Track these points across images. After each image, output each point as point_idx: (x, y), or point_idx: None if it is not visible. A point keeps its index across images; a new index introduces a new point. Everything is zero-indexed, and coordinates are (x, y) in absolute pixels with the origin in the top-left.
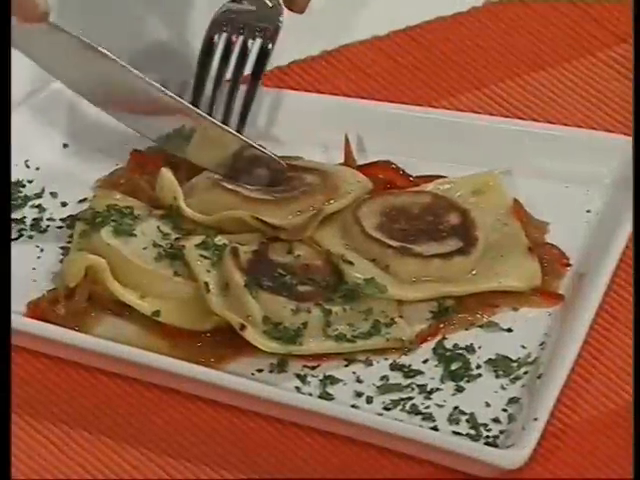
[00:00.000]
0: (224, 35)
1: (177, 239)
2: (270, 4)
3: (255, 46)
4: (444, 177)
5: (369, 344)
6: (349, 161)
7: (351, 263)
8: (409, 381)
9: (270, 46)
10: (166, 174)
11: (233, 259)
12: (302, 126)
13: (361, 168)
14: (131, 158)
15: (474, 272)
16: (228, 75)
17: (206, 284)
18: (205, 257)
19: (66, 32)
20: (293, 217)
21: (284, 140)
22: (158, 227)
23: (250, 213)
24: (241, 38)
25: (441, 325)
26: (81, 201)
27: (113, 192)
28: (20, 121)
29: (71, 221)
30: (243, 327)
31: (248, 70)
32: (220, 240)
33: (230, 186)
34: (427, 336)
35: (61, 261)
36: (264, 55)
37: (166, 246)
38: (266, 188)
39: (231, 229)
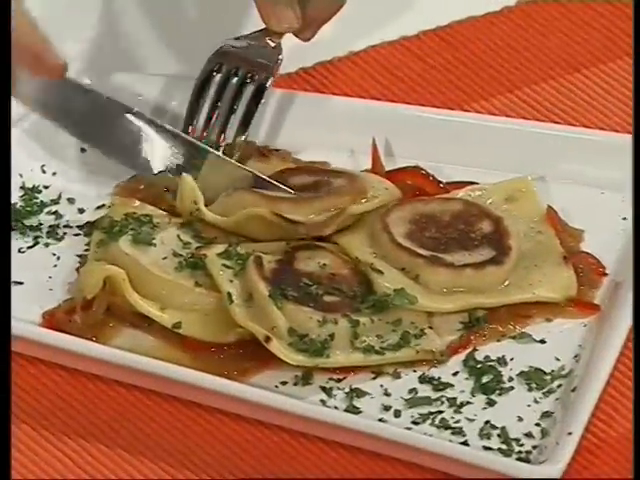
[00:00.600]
0: (222, 69)
1: (198, 248)
2: (272, 44)
3: (253, 81)
4: (475, 183)
5: (398, 356)
6: (377, 166)
7: (380, 272)
8: (439, 394)
9: (269, 81)
10: (186, 178)
11: (257, 268)
12: (328, 130)
13: (389, 174)
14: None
15: (507, 282)
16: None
17: (229, 294)
18: (228, 266)
19: (81, 85)
20: (315, 216)
21: (309, 144)
22: (178, 236)
23: (269, 209)
24: (240, 71)
25: (472, 336)
26: (99, 208)
27: (131, 200)
28: (36, 125)
29: (89, 228)
30: (268, 339)
31: (243, 102)
32: (243, 249)
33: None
34: (457, 348)
35: (78, 270)
36: (261, 90)
37: (187, 255)
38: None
39: (252, 231)
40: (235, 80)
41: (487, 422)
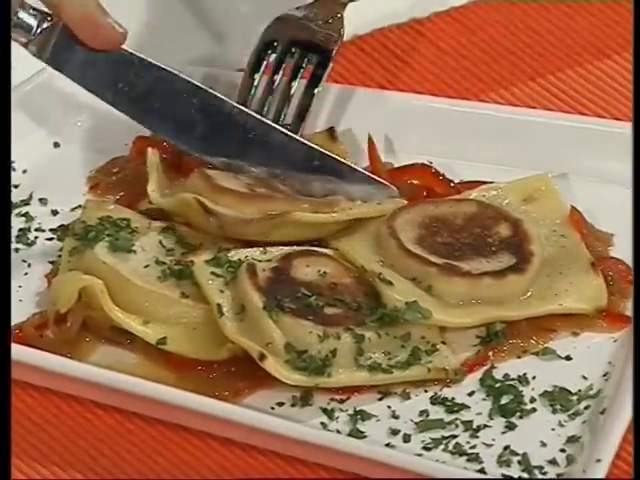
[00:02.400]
0: (279, 43)
1: (183, 254)
2: (335, 15)
3: (313, 57)
4: (490, 182)
5: (408, 375)
6: (375, 165)
7: (389, 283)
8: (452, 417)
9: (333, 53)
10: (151, 156)
11: (250, 277)
12: (329, 122)
13: (394, 172)
14: (135, 144)
15: (530, 293)
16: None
17: (219, 306)
18: (217, 275)
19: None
20: (260, 216)
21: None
22: (160, 241)
23: (196, 196)
24: (297, 49)
25: (490, 352)
26: (74, 209)
27: (105, 202)
28: None
29: (63, 232)
30: (263, 356)
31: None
32: (234, 255)
33: (216, 176)
34: (474, 365)
35: (47, 276)
36: (323, 65)
37: (171, 263)
38: (271, 185)
39: (189, 219)
40: (295, 54)
41: (506, 448)
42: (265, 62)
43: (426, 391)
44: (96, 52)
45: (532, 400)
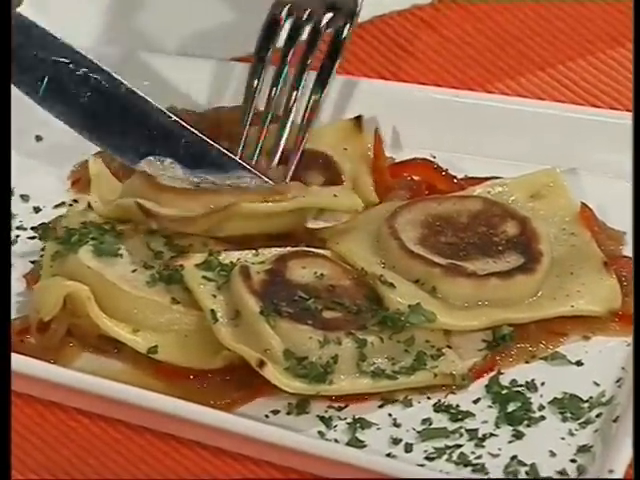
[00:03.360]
0: (293, 12)
1: (172, 258)
2: None
3: (331, 25)
4: (496, 178)
5: (413, 381)
6: (379, 160)
7: (391, 285)
8: (457, 425)
9: (349, 25)
10: (93, 163)
11: (244, 280)
12: (325, 114)
13: (394, 167)
14: None
15: (539, 294)
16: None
17: (212, 312)
18: (209, 279)
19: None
20: (205, 211)
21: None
22: (147, 244)
23: (136, 199)
24: (314, 16)
25: (497, 357)
26: (58, 206)
27: (88, 209)
28: None
29: (44, 231)
30: (262, 363)
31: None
32: (225, 258)
33: (158, 175)
34: (480, 371)
35: (25, 277)
36: (341, 37)
37: (160, 267)
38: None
39: (132, 218)
40: (310, 25)
41: (514, 458)
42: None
43: (429, 398)
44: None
45: (541, 408)
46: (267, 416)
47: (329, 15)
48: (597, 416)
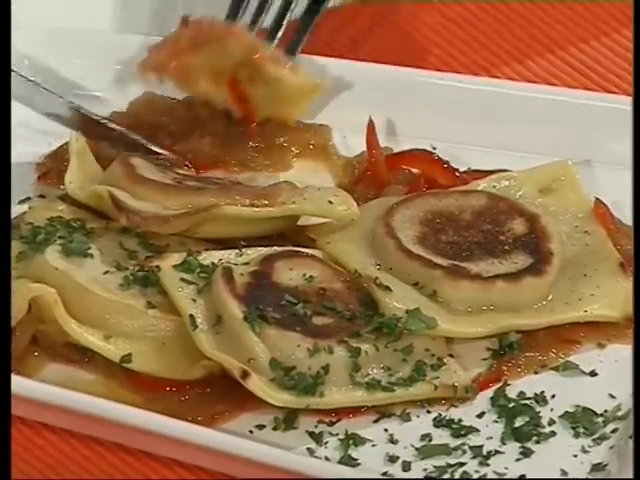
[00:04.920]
0: None
1: (148, 258)
2: None
3: None
4: (502, 171)
5: (411, 393)
6: (372, 151)
7: (388, 289)
8: (459, 441)
9: None
10: (73, 140)
11: (226, 283)
12: (318, 99)
13: (391, 159)
14: None
15: (550, 298)
16: None
17: (192, 318)
18: (188, 282)
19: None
20: (183, 210)
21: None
22: (120, 243)
23: (109, 188)
24: None
25: (503, 367)
26: (22, 201)
27: (55, 202)
28: None
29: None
30: (245, 374)
31: None
32: (206, 259)
33: (140, 165)
34: (486, 382)
35: None
36: None
37: (134, 268)
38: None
39: (106, 210)
40: None
41: (522, 477)
42: None
43: (429, 412)
44: None
45: (551, 422)
46: (252, 432)
47: None
48: (612, 432)
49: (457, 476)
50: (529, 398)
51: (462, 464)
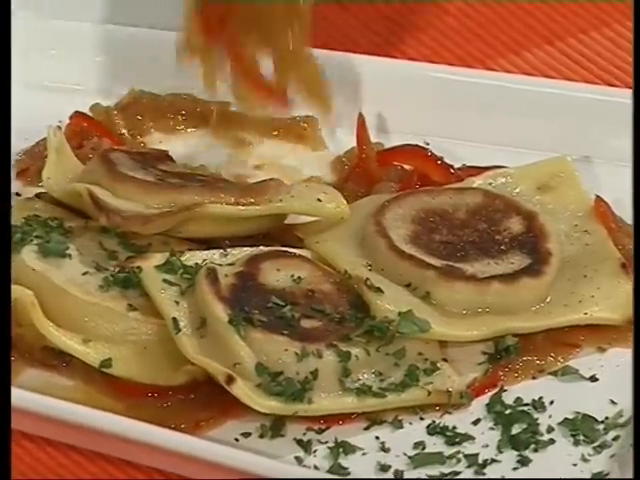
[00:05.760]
0: None
1: (129, 259)
2: None
3: None
4: (498, 167)
5: (403, 399)
6: (363, 146)
7: (379, 290)
8: (454, 449)
9: None
10: (51, 133)
11: (210, 285)
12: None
13: (382, 154)
14: (71, 122)
15: (548, 300)
16: None
17: (175, 321)
18: (170, 283)
19: None
20: (166, 209)
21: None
22: (100, 243)
23: (88, 186)
24: None
25: (499, 372)
26: None
27: (32, 200)
28: None
29: None
30: (231, 379)
31: None
32: (189, 259)
33: (120, 162)
34: (481, 387)
35: None
36: None
37: (114, 269)
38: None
39: (84, 208)
40: None
41: None
42: None
43: (422, 419)
44: None
45: (549, 429)
46: (237, 439)
47: None
48: (614, 439)
49: None
50: (527, 404)
51: (457, 473)
